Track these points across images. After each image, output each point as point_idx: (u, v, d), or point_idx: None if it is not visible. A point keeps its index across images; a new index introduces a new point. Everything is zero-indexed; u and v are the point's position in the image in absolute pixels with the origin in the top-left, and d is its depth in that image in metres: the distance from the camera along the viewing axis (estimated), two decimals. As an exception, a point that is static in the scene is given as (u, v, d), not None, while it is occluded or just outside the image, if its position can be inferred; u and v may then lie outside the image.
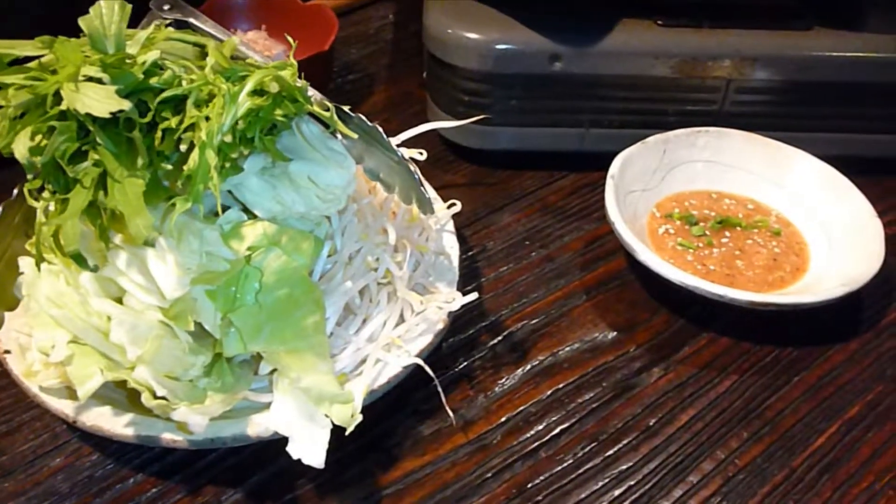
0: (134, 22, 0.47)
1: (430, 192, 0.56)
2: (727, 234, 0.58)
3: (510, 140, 0.64)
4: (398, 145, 0.58)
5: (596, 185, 0.65)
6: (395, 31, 0.85)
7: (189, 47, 0.46)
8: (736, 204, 0.60)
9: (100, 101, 0.33)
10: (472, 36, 0.59)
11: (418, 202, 0.46)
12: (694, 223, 0.58)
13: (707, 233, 0.58)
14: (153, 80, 0.39)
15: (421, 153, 0.57)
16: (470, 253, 0.59)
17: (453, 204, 0.56)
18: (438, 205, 0.56)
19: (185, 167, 0.36)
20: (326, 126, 0.44)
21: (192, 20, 0.51)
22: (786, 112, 0.62)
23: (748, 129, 0.61)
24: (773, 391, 0.50)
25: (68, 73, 0.34)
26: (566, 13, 0.60)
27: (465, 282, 0.55)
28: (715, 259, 0.56)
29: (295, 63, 0.42)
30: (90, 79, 0.34)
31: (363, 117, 0.45)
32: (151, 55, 0.38)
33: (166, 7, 0.52)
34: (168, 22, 0.51)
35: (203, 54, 0.46)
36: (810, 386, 0.50)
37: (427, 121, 0.68)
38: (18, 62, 0.37)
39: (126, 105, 0.33)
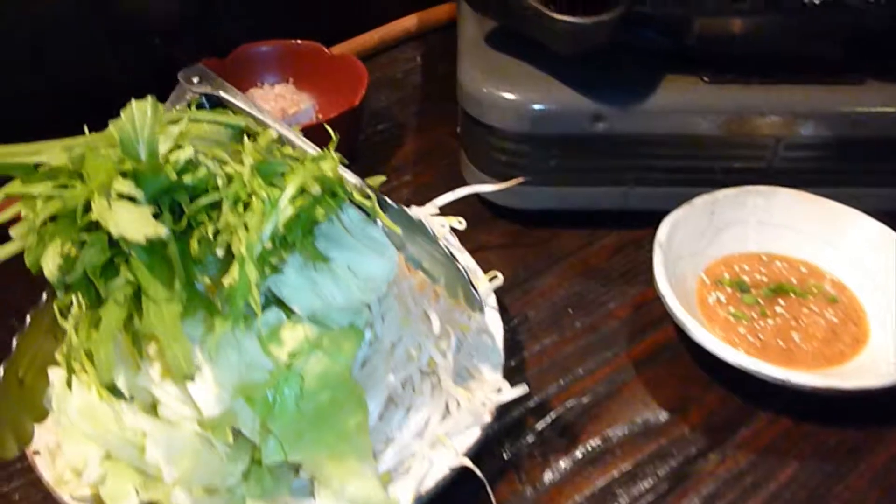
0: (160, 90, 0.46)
1: (469, 261, 0.54)
2: (781, 302, 0.55)
3: (549, 199, 0.62)
4: (436, 213, 0.57)
5: (639, 243, 0.62)
6: (424, 74, 0.83)
7: (222, 129, 0.44)
8: (788, 267, 0.58)
9: (135, 223, 0.31)
10: (510, 96, 0.57)
11: (466, 299, 0.43)
12: (746, 290, 0.56)
13: (760, 301, 0.55)
14: (187, 178, 0.37)
15: (460, 222, 0.55)
16: (511, 323, 0.56)
17: (494, 276, 0.54)
18: (479, 276, 0.54)
19: (223, 280, 0.34)
20: (367, 212, 0.42)
21: (222, 93, 0.49)
22: (837, 168, 0.60)
23: (798, 186, 0.58)
24: (838, 479, 0.47)
25: (99, 184, 0.32)
26: (608, 70, 0.58)
27: (508, 355, 0.53)
28: (770, 331, 0.53)
29: (335, 156, 0.40)
30: (123, 195, 0.32)
31: (406, 208, 0.43)
32: (184, 154, 0.36)
33: (195, 79, 0.50)
34: (197, 97, 0.49)
35: (237, 134, 0.45)
36: (877, 473, 0.47)
37: (460, 174, 0.66)
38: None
39: (163, 232, 0.31)
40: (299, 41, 0.73)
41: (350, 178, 0.43)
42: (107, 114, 0.75)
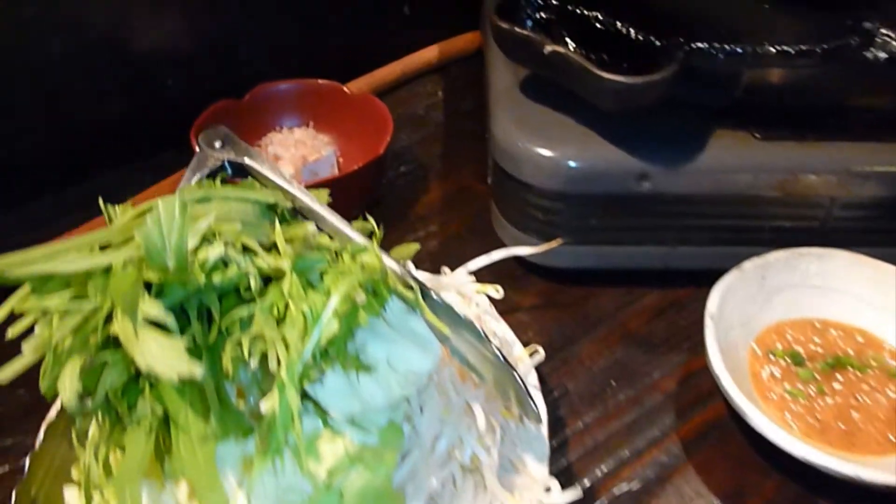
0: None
1: (506, 331, 0.51)
2: (839, 377, 0.52)
3: (587, 259, 0.58)
4: (470, 274, 0.53)
5: (681, 304, 0.59)
6: (447, 110, 0.79)
7: (249, 207, 0.40)
8: (844, 336, 0.54)
9: (166, 358, 0.27)
10: (548, 153, 0.54)
11: (520, 405, 0.40)
12: (801, 363, 0.52)
13: (817, 377, 0.51)
14: (216, 277, 0.33)
15: (497, 290, 0.52)
16: (551, 396, 0.53)
17: (535, 351, 0.50)
18: (517, 348, 0.50)
19: (262, 405, 0.30)
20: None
21: (246, 160, 0.45)
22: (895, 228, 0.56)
23: (852, 248, 0.55)
24: (909, 581, 0.44)
25: (123, 301, 0.29)
26: (652, 124, 0.54)
27: (550, 434, 0.49)
28: (829, 411, 0.50)
29: (378, 252, 0.36)
30: (151, 320, 0.29)
31: (452, 304, 0.39)
32: (214, 252, 0.33)
33: (217, 144, 0.46)
34: (220, 164, 0.46)
35: (266, 209, 0.41)
36: (951, 573, 0.44)
37: (490, 225, 0.63)
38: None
39: (198, 373, 0.28)
40: (319, 80, 0.70)
41: (389, 264, 0.39)
42: (120, 156, 0.73)
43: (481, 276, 0.52)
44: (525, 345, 0.52)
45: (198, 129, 0.64)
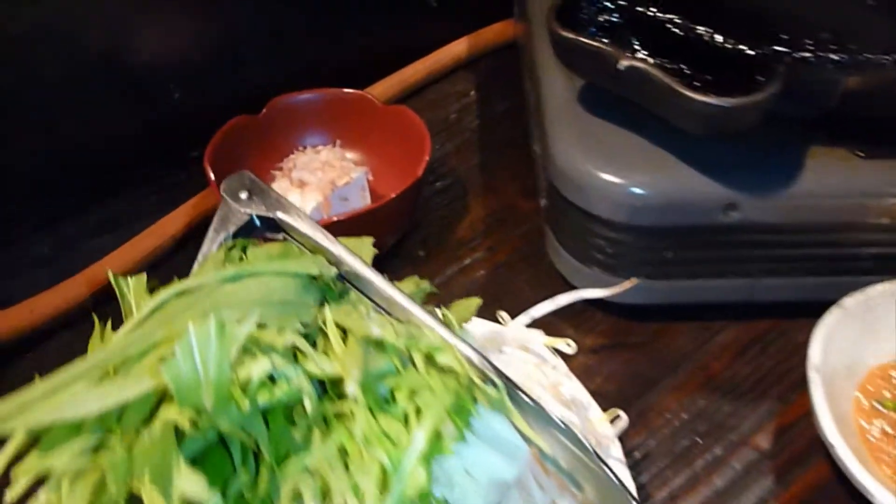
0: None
1: (579, 392, 0.44)
2: (961, 430, 0.45)
3: (658, 294, 0.51)
4: (530, 324, 0.47)
5: (765, 340, 0.52)
6: (481, 113, 0.72)
7: (290, 282, 0.34)
8: (960, 379, 0.48)
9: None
10: (617, 180, 0.46)
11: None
12: (915, 415, 0.46)
13: (937, 432, 0.45)
14: (262, 397, 0.27)
15: (569, 344, 0.45)
16: (631, 459, 0.46)
17: (616, 416, 0.44)
18: (594, 412, 0.44)
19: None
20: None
21: (279, 215, 0.39)
22: None
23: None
24: None
25: (153, 469, 0.22)
26: (739, 144, 0.47)
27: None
28: (955, 474, 0.43)
29: (455, 348, 0.30)
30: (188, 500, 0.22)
31: (543, 405, 0.32)
32: (258, 369, 0.26)
33: (243, 195, 0.39)
34: (247, 219, 0.39)
35: (309, 281, 0.34)
36: None
37: (542, 251, 0.56)
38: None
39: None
40: (345, 90, 0.62)
41: (467, 353, 0.32)
42: (126, 174, 0.66)
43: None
44: (594, 394, 0.46)
45: (211, 151, 0.57)
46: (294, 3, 0.67)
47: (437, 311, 0.39)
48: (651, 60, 0.46)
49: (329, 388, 0.29)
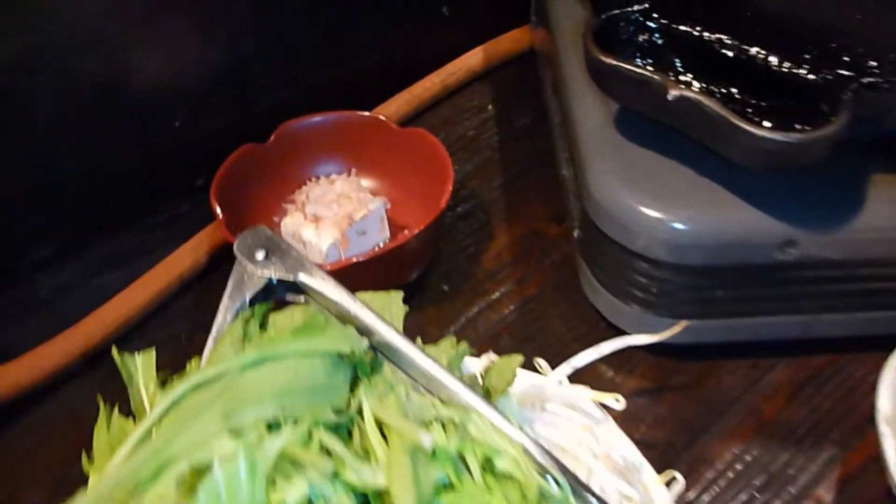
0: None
1: (630, 451, 0.41)
2: None
3: (706, 333, 0.48)
4: (572, 376, 0.43)
5: (820, 379, 0.49)
6: (500, 129, 0.68)
7: (318, 363, 0.30)
8: None
9: None
10: (661, 216, 0.43)
11: None
12: None
13: None
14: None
15: (618, 399, 0.41)
16: (685, 519, 0.43)
17: (672, 478, 0.40)
18: (647, 474, 0.40)
19: None
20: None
21: (300, 277, 0.35)
22: None
23: None
24: None
25: None
26: (793, 174, 0.43)
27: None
28: None
29: (522, 450, 0.26)
30: None
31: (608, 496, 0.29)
32: (294, 495, 0.23)
33: (259, 256, 0.35)
34: (265, 282, 0.35)
35: (339, 360, 0.31)
36: None
37: (576, 282, 0.53)
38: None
39: None
40: (358, 113, 0.59)
41: (527, 445, 0.29)
42: (129, 207, 0.62)
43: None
44: (641, 444, 0.42)
45: (217, 185, 0.54)
46: (301, 20, 0.63)
47: (478, 377, 0.36)
48: (699, 86, 0.43)
49: (372, 499, 0.25)
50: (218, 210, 0.52)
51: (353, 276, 0.50)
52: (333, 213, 0.53)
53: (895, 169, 0.44)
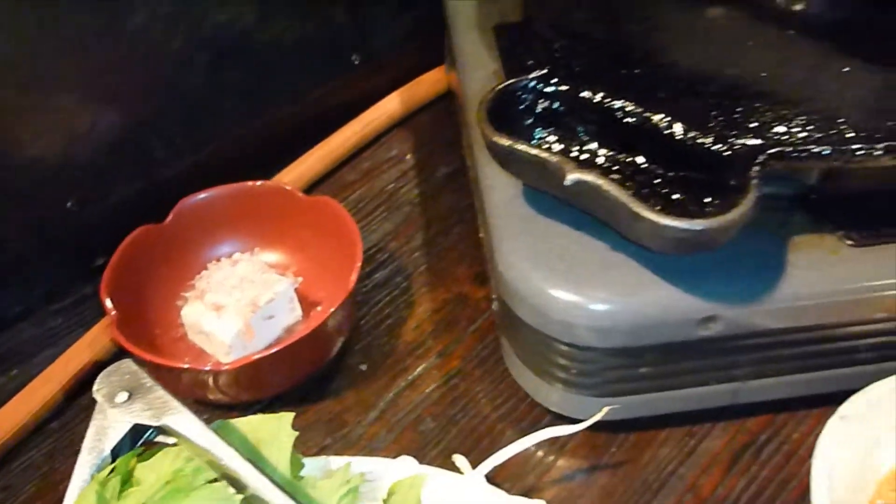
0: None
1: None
2: None
3: (635, 409, 0.45)
4: (490, 476, 0.40)
5: (757, 445, 0.46)
6: (421, 182, 0.65)
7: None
8: (980, 481, 0.42)
9: None
10: (580, 300, 0.40)
11: None
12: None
13: (963, 558, 0.40)
14: None
15: (540, 507, 0.39)
16: None
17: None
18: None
19: None
20: None
21: (167, 422, 0.31)
22: None
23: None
24: None
25: None
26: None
27: None
28: None
29: None
30: None
31: None
32: None
33: (121, 398, 0.32)
34: (127, 430, 0.31)
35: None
36: None
37: (498, 355, 0.50)
38: None
39: None
40: (258, 183, 0.55)
41: None
42: (26, 295, 0.58)
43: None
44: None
45: (110, 276, 0.50)
46: (206, 78, 0.59)
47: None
48: (604, 156, 0.40)
49: None
50: (109, 305, 0.48)
51: (261, 369, 0.46)
52: (236, 300, 0.49)
53: (818, 229, 0.42)
